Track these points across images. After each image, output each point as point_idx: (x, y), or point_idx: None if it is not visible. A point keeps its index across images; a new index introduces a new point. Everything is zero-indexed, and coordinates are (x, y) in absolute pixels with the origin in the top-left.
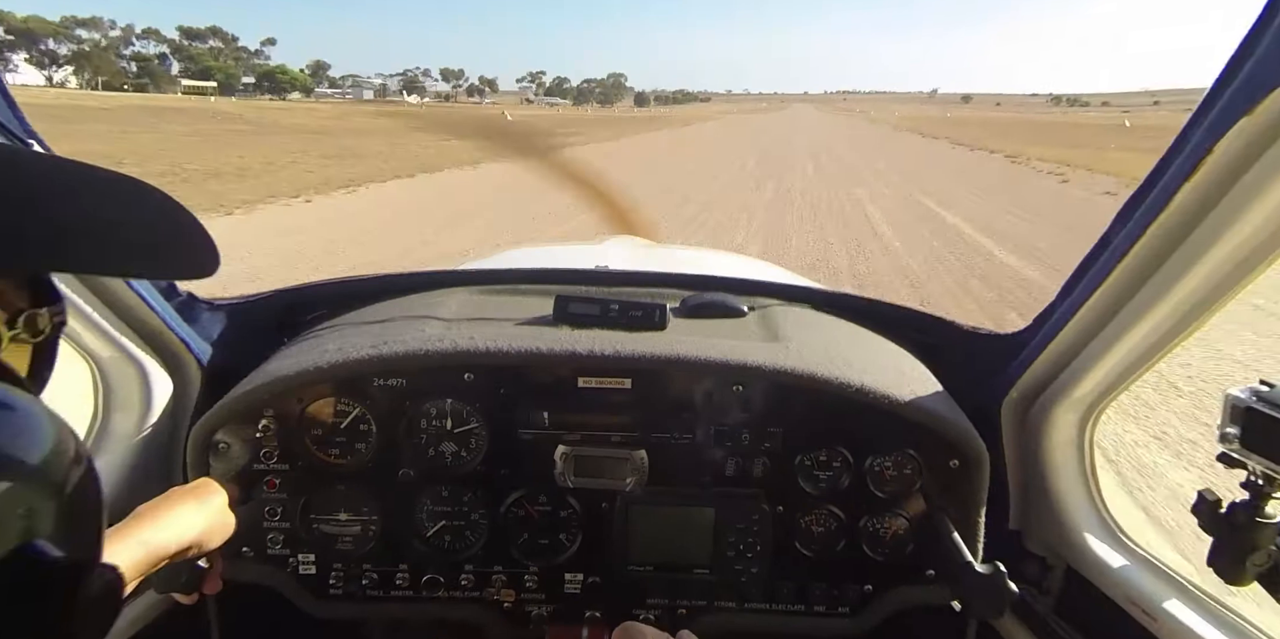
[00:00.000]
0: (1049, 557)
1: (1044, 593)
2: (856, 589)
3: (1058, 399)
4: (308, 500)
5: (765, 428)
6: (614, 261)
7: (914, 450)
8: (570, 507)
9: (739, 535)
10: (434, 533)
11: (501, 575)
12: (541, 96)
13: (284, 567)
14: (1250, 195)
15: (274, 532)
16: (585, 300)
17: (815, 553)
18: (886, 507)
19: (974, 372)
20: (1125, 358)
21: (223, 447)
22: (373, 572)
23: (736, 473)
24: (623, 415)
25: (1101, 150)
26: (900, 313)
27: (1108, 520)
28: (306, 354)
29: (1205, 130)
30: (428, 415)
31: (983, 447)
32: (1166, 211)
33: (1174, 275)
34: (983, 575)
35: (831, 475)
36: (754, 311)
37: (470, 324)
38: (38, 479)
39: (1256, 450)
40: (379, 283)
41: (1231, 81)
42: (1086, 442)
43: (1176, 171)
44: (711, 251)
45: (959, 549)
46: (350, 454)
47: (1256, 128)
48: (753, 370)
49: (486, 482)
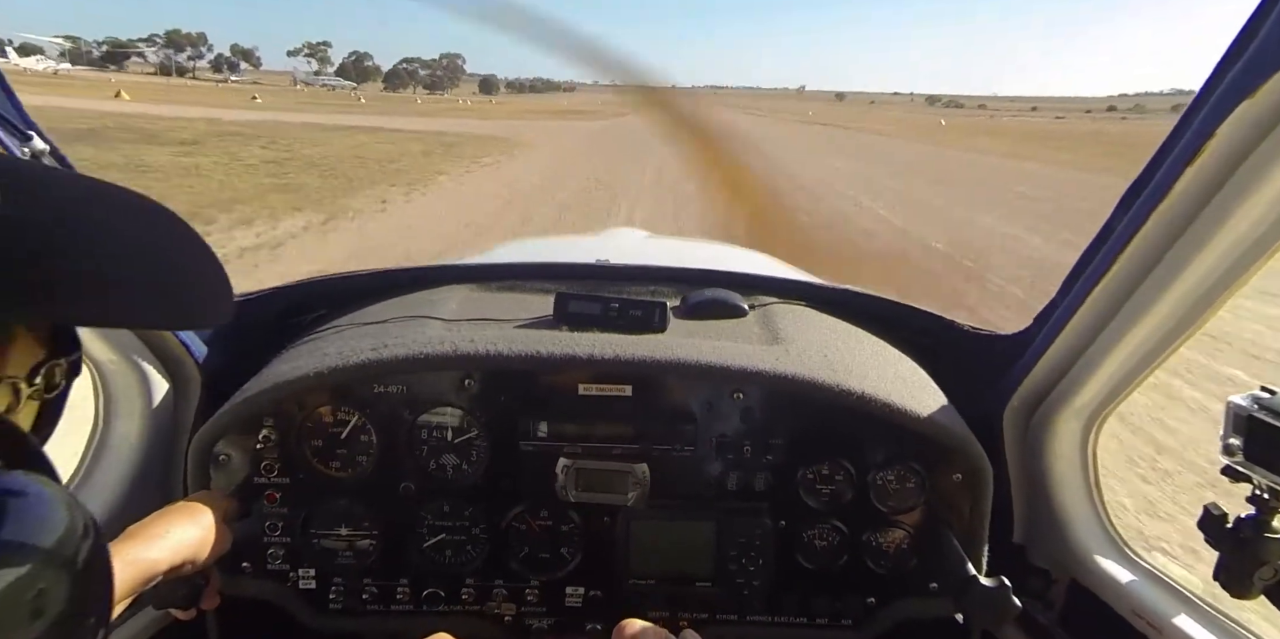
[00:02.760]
0: (1053, 569)
1: (1048, 606)
2: (859, 602)
3: (1060, 407)
4: (308, 515)
5: (767, 440)
6: (614, 254)
7: (917, 463)
8: (572, 521)
9: (741, 549)
10: (435, 547)
11: (502, 589)
12: (324, 76)
13: (284, 581)
14: (1254, 179)
15: (274, 546)
16: (585, 299)
17: (818, 566)
18: (890, 520)
19: (975, 376)
20: (1129, 359)
21: (223, 459)
22: (373, 586)
23: (738, 487)
24: (624, 426)
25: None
26: (900, 310)
27: (1112, 533)
28: (306, 358)
29: (1207, 114)
30: (428, 424)
31: (985, 460)
32: (1169, 198)
33: (1178, 266)
34: (986, 589)
35: (834, 489)
36: (754, 311)
37: (470, 325)
38: (54, 562)
39: (1260, 463)
40: (379, 278)
41: (1233, 65)
42: (1090, 452)
43: (1178, 156)
44: (713, 243)
45: (962, 562)
46: (351, 467)
47: (1258, 111)
48: (752, 375)
49: (488, 495)
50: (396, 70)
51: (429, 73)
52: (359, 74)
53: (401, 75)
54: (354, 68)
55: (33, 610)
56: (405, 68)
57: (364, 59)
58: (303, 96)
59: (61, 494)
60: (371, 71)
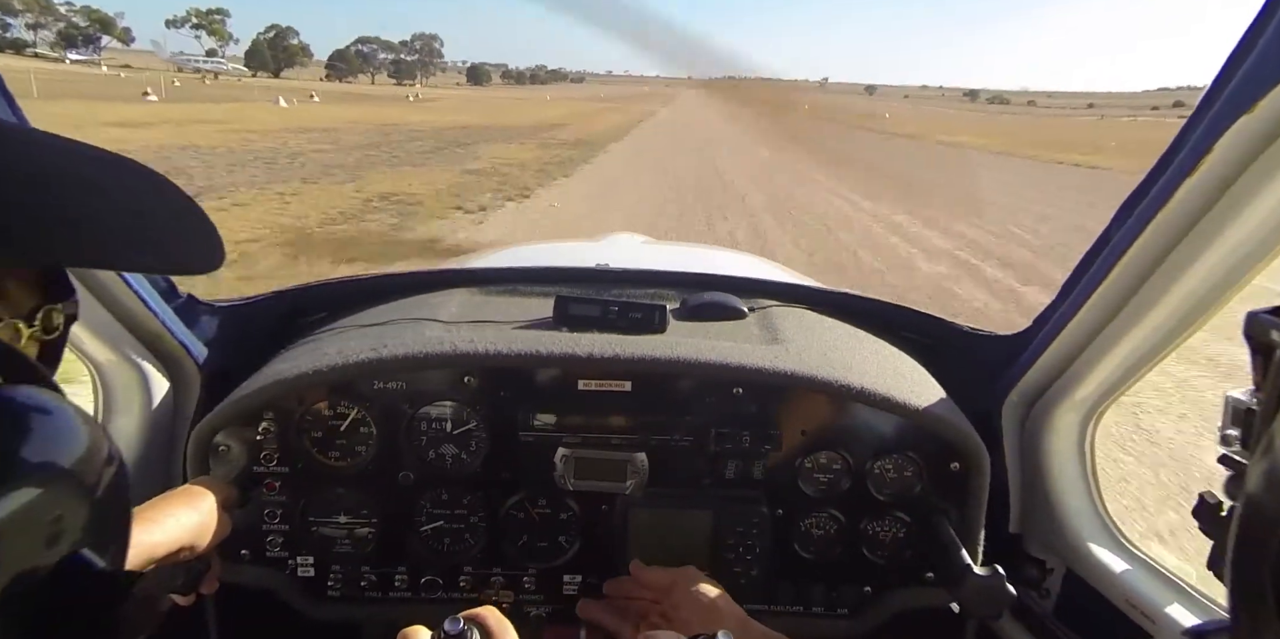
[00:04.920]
0: (1049, 559)
1: (1043, 595)
2: (856, 591)
3: (1059, 401)
4: (307, 503)
5: (765, 431)
6: (615, 259)
7: (914, 453)
8: (570, 509)
9: (738, 538)
10: (433, 535)
11: (500, 577)
12: (206, 59)
13: (283, 569)
14: (1250, 193)
15: (273, 534)
16: (585, 301)
17: (815, 555)
18: (886, 509)
19: (974, 374)
20: (1126, 358)
21: (223, 449)
22: (371, 574)
23: (736, 475)
24: (623, 417)
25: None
26: (899, 313)
27: (1108, 523)
28: (306, 357)
29: (1205, 128)
30: (427, 417)
31: (983, 449)
32: (1166, 209)
33: (1174, 273)
34: (982, 578)
35: (832, 478)
36: (754, 313)
37: (470, 327)
38: (75, 486)
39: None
40: (379, 283)
41: (1231, 79)
42: (1088, 444)
43: (1177, 169)
44: (713, 248)
45: (958, 552)
46: (350, 456)
47: (1256, 126)
48: (752, 373)
49: (486, 484)
50: (346, 53)
51: (393, 57)
52: (283, 57)
53: (352, 59)
54: (271, 48)
55: (48, 536)
56: (361, 50)
57: (285, 36)
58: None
59: (85, 416)
60: (297, 53)
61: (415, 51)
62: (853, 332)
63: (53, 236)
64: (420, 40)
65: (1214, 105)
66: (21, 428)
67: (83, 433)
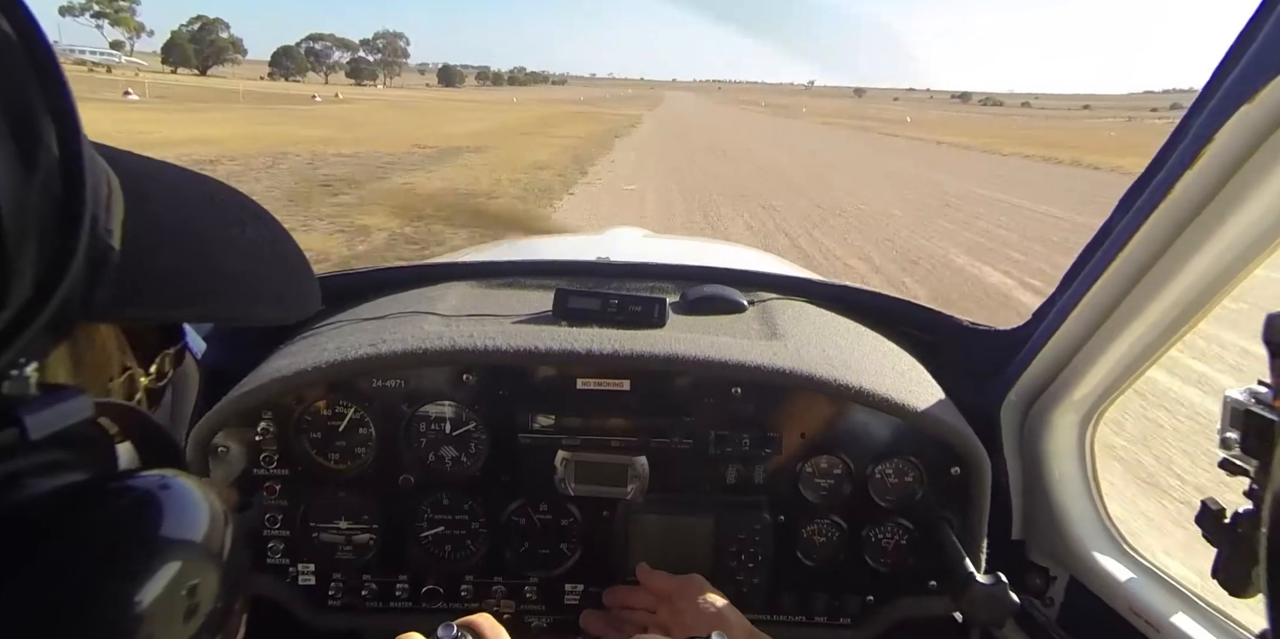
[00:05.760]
0: (1052, 567)
1: (1047, 604)
2: (858, 600)
3: (1058, 400)
4: (307, 507)
5: (765, 433)
6: (616, 253)
7: (915, 457)
8: (571, 515)
9: (740, 545)
10: (434, 541)
11: (501, 586)
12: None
13: (283, 576)
14: (1252, 183)
15: (274, 540)
16: (584, 295)
17: (817, 563)
18: (888, 516)
19: (973, 371)
20: (1126, 354)
21: (222, 450)
22: (372, 582)
23: (737, 480)
24: (622, 419)
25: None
26: (899, 307)
27: (1111, 530)
28: (304, 354)
29: (1206, 118)
30: (426, 417)
31: (983, 453)
32: (1167, 200)
33: (1175, 266)
34: (984, 586)
35: (833, 483)
36: (753, 307)
37: (469, 321)
38: (204, 556)
39: (1257, 457)
40: (378, 276)
41: (1232, 69)
42: (1088, 446)
43: (1177, 160)
44: (712, 242)
45: (961, 559)
46: (350, 459)
47: (1258, 115)
48: (750, 370)
49: (487, 488)
50: (292, 50)
51: (350, 55)
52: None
53: (300, 57)
54: (195, 41)
55: (187, 609)
56: (313, 48)
57: (212, 29)
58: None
59: (201, 485)
60: (226, 47)
61: (378, 50)
62: (852, 327)
63: (193, 295)
64: (383, 39)
65: (1215, 95)
66: (161, 512)
67: (204, 504)
